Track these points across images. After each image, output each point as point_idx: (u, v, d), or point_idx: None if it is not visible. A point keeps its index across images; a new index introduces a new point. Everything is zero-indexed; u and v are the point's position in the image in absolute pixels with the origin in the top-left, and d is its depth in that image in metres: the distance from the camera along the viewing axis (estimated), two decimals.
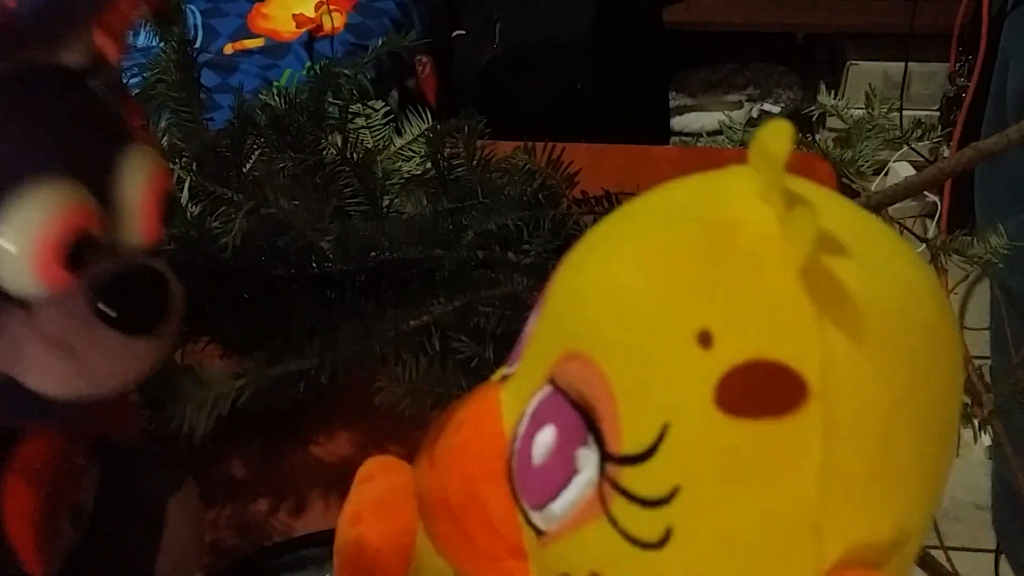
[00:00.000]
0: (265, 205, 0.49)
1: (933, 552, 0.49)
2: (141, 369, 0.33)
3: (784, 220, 0.21)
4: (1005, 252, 0.54)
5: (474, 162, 0.53)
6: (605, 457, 0.23)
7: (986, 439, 0.53)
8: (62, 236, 0.30)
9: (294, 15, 1.12)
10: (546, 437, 0.25)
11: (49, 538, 0.35)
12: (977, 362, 0.53)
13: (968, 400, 0.51)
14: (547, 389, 0.25)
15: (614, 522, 0.23)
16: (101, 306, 0.31)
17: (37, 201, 0.29)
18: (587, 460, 0.23)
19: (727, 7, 1.56)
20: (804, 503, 0.21)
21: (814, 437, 0.21)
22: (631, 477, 0.22)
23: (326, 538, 0.47)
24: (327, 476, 0.51)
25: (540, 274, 0.49)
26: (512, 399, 0.27)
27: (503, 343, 0.49)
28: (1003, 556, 0.94)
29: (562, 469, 0.24)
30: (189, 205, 0.51)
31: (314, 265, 0.52)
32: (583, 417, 0.23)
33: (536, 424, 0.25)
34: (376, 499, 0.34)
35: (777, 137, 0.21)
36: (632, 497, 0.22)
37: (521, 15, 1.34)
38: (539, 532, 0.25)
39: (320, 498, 0.50)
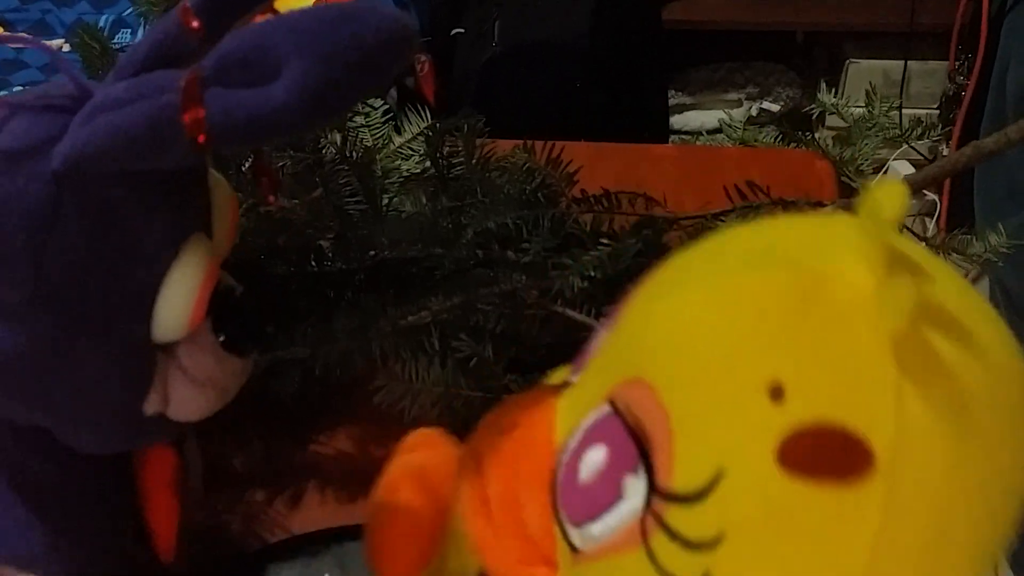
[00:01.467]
0: (265, 207, 0.49)
1: None
2: (243, 381, 0.37)
3: (883, 283, 0.20)
4: (1004, 251, 0.54)
5: (473, 161, 0.53)
6: (653, 489, 0.23)
7: None
8: (211, 286, 0.33)
9: None
10: (597, 456, 0.25)
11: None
12: None
13: None
14: (605, 408, 0.25)
15: (652, 556, 0.23)
16: (223, 336, 0.35)
17: (192, 261, 0.32)
18: (635, 489, 0.23)
19: (726, 6, 1.56)
20: (850, 571, 0.21)
21: (873, 511, 0.20)
22: (677, 515, 0.22)
23: (326, 539, 0.47)
24: (328, 473, 0.51)
25: (539, 273, 0.49)
26: (568, 410, 0.27)
27: (502, 341, 0.49)
28: (1003, 557, 0.94)
29: (608, 492, 0.24)
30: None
31: (313, 264, 0.52)
32: (637, 445, 0.23)
33: (588, 441, 0.25)
34: (416, 471, 0.35)
35: (891, 198, 0.21)
36: (675, 535, 0.22)
37: (520, 13, 1.34)
38: (574, 549, 0.25)
39: (320, 494, 0.50)
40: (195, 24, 0.31)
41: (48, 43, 0.35)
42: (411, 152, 0.57)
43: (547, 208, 0.52)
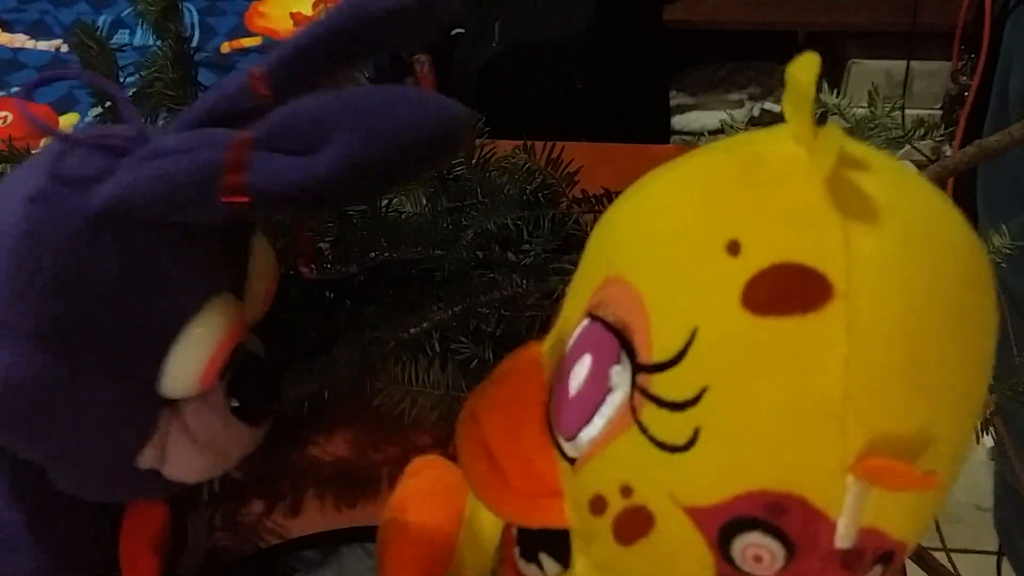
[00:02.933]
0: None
1: (935, 554, 0.48)
2: (247, 452, 0.36)
3: (811, 140, 0.22)
4: (1008, 252, 0.53)
5: (473, 161, 0.53)
6: (637, 369, 0.24)
7: (988, 440, 0.52)
8: (231, 348, 0.32)
9: (292, 13, 1.12)
10: (583, 366, 0.26)
11: None
12: None
13: None
14: (584, 322, 0.26)
15: (644, 429, 0.24)
16: (234, 401, 0.34)
17: (214, 319, 0.32)
18: (621, 377, 0.25)
19: (728, 6, 1.56)
20: (829, 396, 0.22)
21: (838, 333, 0.22)
22: (661, 383, 0.24)
23: (325, 539, 0.47)
24: (326, 477, 0.51)
25: (540, 274, 0.48)
26: (552, 345, 0.29)
27: (502, 344, 0.49)
28: (1005, 557, 0.94)
29: (597, 391, 0.25)
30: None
31: (313, 267, 0.51)
32: (617, 337, 0.25)
33: (574, 357, 0.26)
34: (423, 491, 0.36)
35: (805, 68, 0.22)
36: (661, 402, 0.24)
37: (520, 14, 1.34)
38: (572, 461, 0.27)
39: (318, 499, 0.50)
40: (262, 91, 0.32)
41: (46, 43, 0.35)
42: None
43: (547, 209, 0.51)
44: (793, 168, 0.23)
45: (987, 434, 0.51)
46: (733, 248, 0.23)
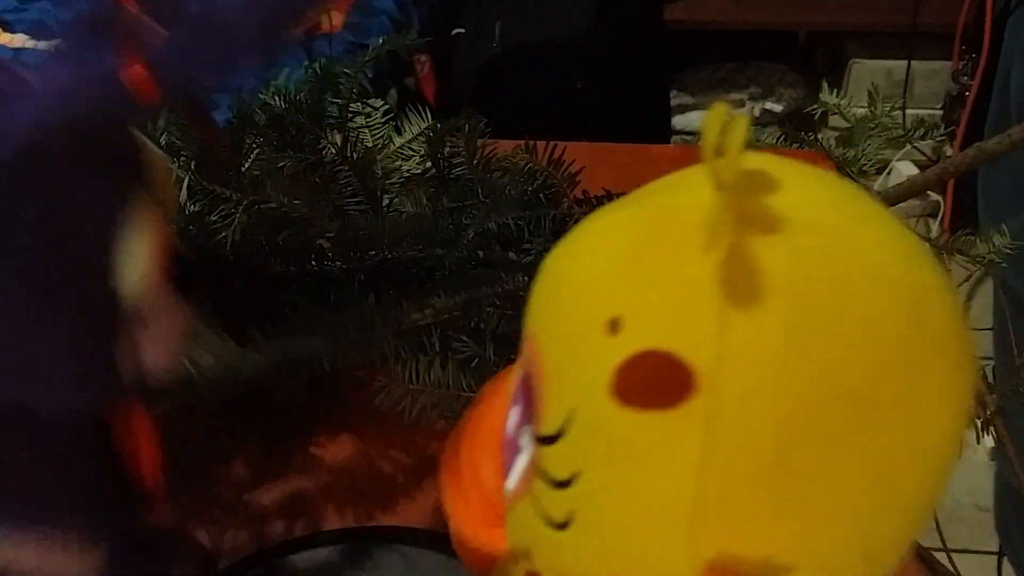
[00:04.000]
0: (264, 203, 0.49)
1: (935, 554, 0.49)
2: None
3: (713, 205, 0.20)
4: (1008, 252, 0.53)
5: (474, 161, 0.53)
6: (535, 436, 0.23)
7: (988, 440, 0.52)
8: (163, 237, 0.33)
9: None
10: (513, 416, 0.26)
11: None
12: (980, 362, 0.53)
13: (971, 401, 0.50)
14: (521, 370, 0.26)
15: (535, 500, 0.24)
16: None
17: (146, 216, 0.32)
18: (527, 439, 0.24)
19: (728, 6, 1.56)
20: (679, 499, 0.20)
21: (694, 433, 0.20)
22: (547, 457, 0.23)
23: (329, 539, 0.47)
24: (327, 476, 0.51)
25: None
26: (511, 378, 0.28)
27: (503, 343, 0.49)
28: (1005, 558, 0.94)
29: (515, 445, 0.25)
30: (188, 204, 0.50)
31: (314, 264, 0.51)
32: (529, 397, 0.24)
33: (512, 403, 0.26)
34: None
35: (717, 119, 0.20)
36: (545, 477, 0.23)
37: (521, 13, 1.34)
38: (505, 501, 0.26)
39: (322, 499, 0.50)
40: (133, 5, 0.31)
41: (47, 43, 0.35)
42: (412, 152, 0.57)
43: (548, 209, 0.51)
44: (694, 234, 0.20)
45: (987, 434, 0.51)
46: (614, 326, 0.21)
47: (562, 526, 0.23)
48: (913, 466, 0.21)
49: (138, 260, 0.33)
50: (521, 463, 0.24)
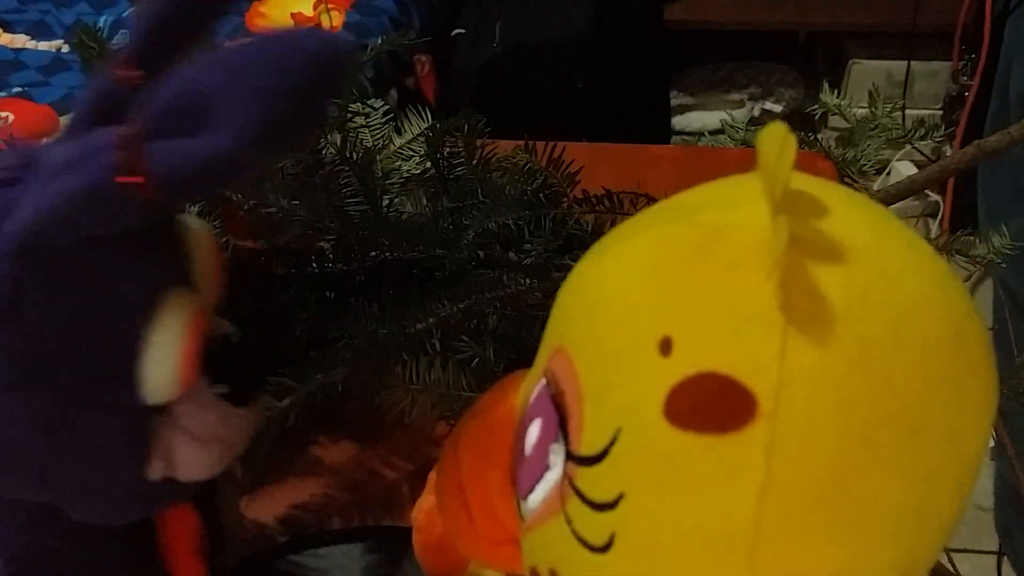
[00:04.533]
0: (264, 205, 0.49)
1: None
2: (251, 432, 0.36)
3: (771, 227, 0.20)
4: (1008, 252, 0.53)
5: (474, 161, 0.53)
6: (568, 455, 0.23)
7: (990, 441, 0.52)
8: (198, 341, 0.32)
9: (292, 14, 1.11)
10: (533, 430, 0.25)
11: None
12: None
13: None
14: (542, 382, 0.25)
15: (568, 521, 0.23)
16: (220, 388, 0.34)
17: (173, 318, 0.31)
18: (557, 457, 0.23)
19: (728, 6, 1.56)
20: (739, 524, 0.20)
21: (756, 458, 0.20)
22: (585, 479, 0.22)
23: (331, 538, 0.47)
24: (329, 476, 0.51)
25: (541, 274, 0.48)
26: (524, 389, 0.27)
27: (504, 343, 0.49)
28: (1005, 558, 0.94)
29: (540, 463, 0.24)
30: (187, 206, 0.50)
31: (314, 265, 0.51)
32: (558, 413, 0.23)
33: (530, 416, 0.25)
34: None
35: (775, 139, 0.20)
36: (584, 498, 0.22)
37: (521, 14, 1.34)
38: (523, 520, 0.26)
39: (323, 498, 0.50)
40: (133, 74, 0.30)
41: (47, 44, 0.34)
42: (411, 153, 0.57)
43: (549, 209, 0.51)
44: (747, 255, 0.20)
45: None
46: (665, 347, 0.21)
47: (601, 549, 0.22)
48: (954, 484, 0.22)
49: (169, 353, 0.31)
50: (550, 481, 0.24)
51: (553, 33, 1.32)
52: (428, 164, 0.55)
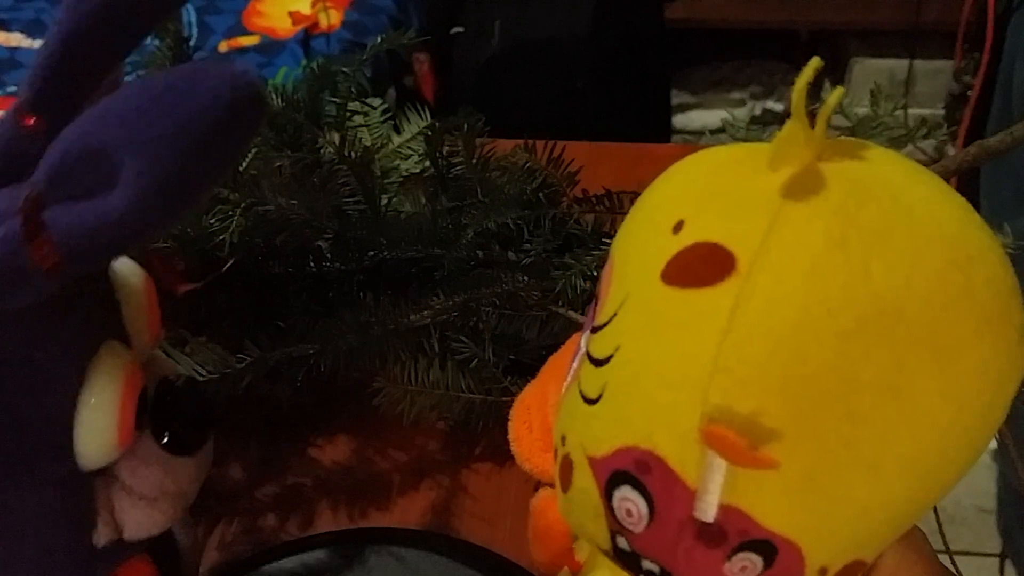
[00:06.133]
0: (262, 204, 0.48)
1: (938, 556, 0.48)
2: (202, 480, 0.34)
3: (789, 141, 0.22)
4: (1011, 251, 0.53)
5: (473, 160, 0.52)
6: (591, 330, 0.26)
7: (991, 442, 0.52)
8: (135, 398, 0.30)
9: (290, 12, 1.11)
10: (586, 331, 0.28)
11: None
12: None
13: None
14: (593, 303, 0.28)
15: (579, 384, 0.26)
16: (166, 439, 0.32)
17: (104, 379, 0.29)
18: (584, 338, 0.26)
19: (729, 4, 1.56)
20: (697, 364, 0.22)
21: (723, 308, 0.22)
22: (594, 342, 0.25)
23: (327, 541, 0.46)
24: (326, 479, 0.50)
25: (541, 273, 0.48)
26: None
27: (503, 344, 0.48)
28: (1008, 560, 0.94)
29: (576, 353, 0.27)
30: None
31: (312, 264, 0.51)
32: (596, 303, 0.26)
33: (584, 328, 0.28)
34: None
35: (808, 71, 0.23)
36: (591, 359, 0.25)
37: (521, 12, 1.33)
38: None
39: (319, 501, 0.50)
40: (30, 122, 0.28)
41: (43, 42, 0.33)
42: (410, 152, 0.57)
43: (548, 208, 0.51)
44: (763, 162, 0.23)
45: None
46: (678, 227, 0.23)
47: (594, 401, 0.24)
48: (936, 397, 0.22)
49: (105, 415, 0.29)
50: (576, 362, 0.27)
51: (553, 32, 1.32)
52: (427, 163, 0.54)
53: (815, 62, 0.23)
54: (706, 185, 0.24)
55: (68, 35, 0.27)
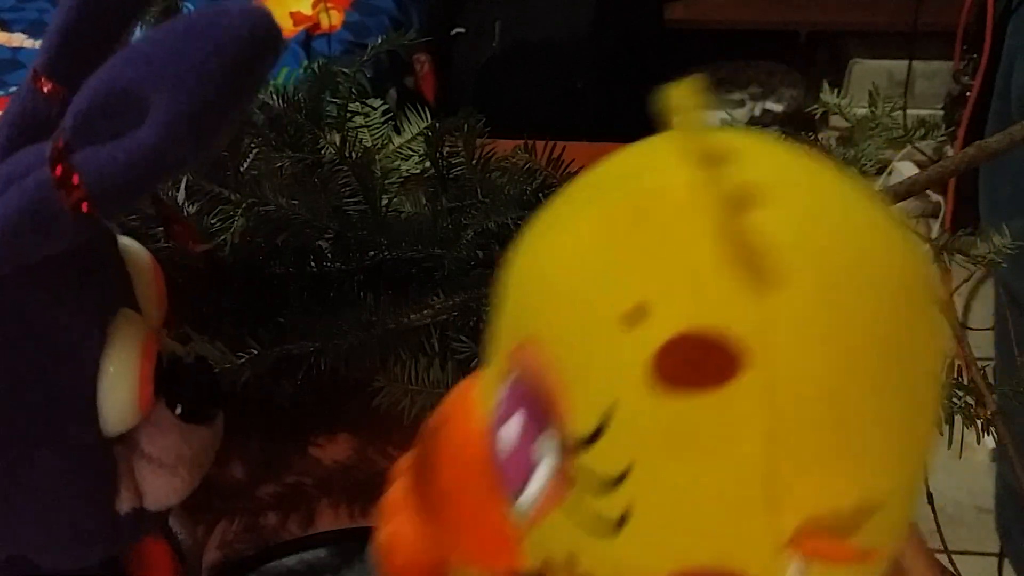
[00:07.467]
0: (263, 204, 0.48)
1: (936, 555, 0.48)
2: (215, 449, 0.35)
3: (699, 180, 0.21)
4: (1009, 252, 0.53)
5: (473, 161, 0.52)
6: (564, 440, 0.23)
7: (989, 441, 0.52)
8: (153, 364, 0.31)
9: (291, 13, 1.11)
10: (512, 428, 0.25)
11: None
12: (981, 363, 0.52)
13: (971, 401, 0.50)
14: (509, 379, 0.25)
15: (579, 503, 0.23)
16: (180, 410, 0.32)
17: (125, 344, 0.30)
18: (548, 447, 0.23)
19: (729, 5, 1.56)
20: (752, 473, 0.20)
21: (756, 404, 0.20)
22: (588, 458, 0.22)
23: (328, 539, 0.46)
24: (327, 478, 0.51)
25: None
26: (484, 392, 0.27)
27: None
28: (1006, 560, 0.94)
29: (526, 460, 0.24)
30: (186, 204, 0.50)
31: (313, 264, 0.51)
32: (541, 404, 0.23)
33: (504, 416, 0.25)
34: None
35: (686, 95, 0.21)
36: (591, 477, 0.22)
37: (521, 13, 1.34)
38: (520, 519, 0.25)
39: (320, 499, 0.50)
40: (48, 87, 0.29)
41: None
42: (411, 152, 0.57)
43: None
44: (686, 212, 0.21)
45: (988, 435, 0.51)
46: (638, 314, 0.21)
47: (618, 523, 0.22)
48: (930, 399, 0.22)
49: (126, 379, 0.30)
50: (544, 472, 0.24)
51: (553, 33, 1.32)
52: (427, 164, 0.54)
53: (693, 84, 0.21)
54: (635, 254, 0.22)
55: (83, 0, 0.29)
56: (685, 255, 0.21)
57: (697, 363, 0.20)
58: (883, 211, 0.23)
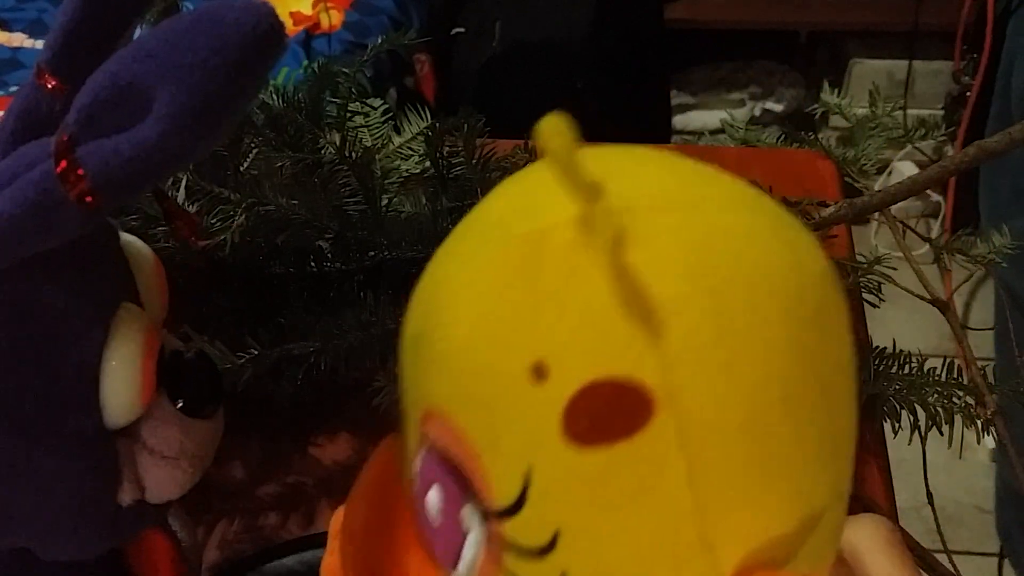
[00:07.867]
0: (263, 204, 0.48)
1: (936, 555, 0.48)
2: (217, 444, 0.35)
3: (584, 223, 0.19)
4: (1009, 252, 0.53)
5: (473, 161, 0.52)
6: (486, 512, 0.22)
7: (989, 441, 0.52)
8: (155, 357, 0.31)
9: (291, 13, 1.11)
10: (433, 499, 0.24)
11: None
12: (981, 363, 0.53)
13: (971, 401, 0.50)
14: (423, 450, 0.24)
15: (516, 571, 0.22)
16: (182, 404, 0.33)
17: (127, 337, 0.30)
18: (472, 519, 0.23)
19: (729, 5, 1.56)
20: (682, 517, 0.20)
21: (670, 447, 0.19)
22: (513, 528, 0.21)
23: (324, 540, 0.46)
24: (327, 477, 0.51)
25: None
26: (405, 460, 0.26)
27: None
28: (1006, 560, 0.94)
29: (454, 530, 0.23)
30: (186, 204, 0.50)
31: (313, 264, 0.51)
32: (458, 474, 0.22)
33: (424, 486, 0.24)
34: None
35: (556, 133, 0.19)
36: (520, 549, 0.21)
37: (521, 13, 1.34)
38: None
39: (320, 499, 0.50)
40: (53, 83, 0.29)
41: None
42: (411, 152, 0.57)
43: None
44: (574, 259, 0.20)
45: (988, 435, 0.51)
46: (540, 372, 0.20)
47: None
48: (847, 414, 0.22)
49: (129, 371, 0.30)
50: (474, 544, 0.23)
51: (553, 33, 1.32)
52: (427, 163, 0.54)
53: (561, 123, 0.20)
54: (528, 309, 0.20)
55: None
56: (578, 302, 0.20)
57: (607, 415, 0.19)
58: (776, 217, 0.22)
